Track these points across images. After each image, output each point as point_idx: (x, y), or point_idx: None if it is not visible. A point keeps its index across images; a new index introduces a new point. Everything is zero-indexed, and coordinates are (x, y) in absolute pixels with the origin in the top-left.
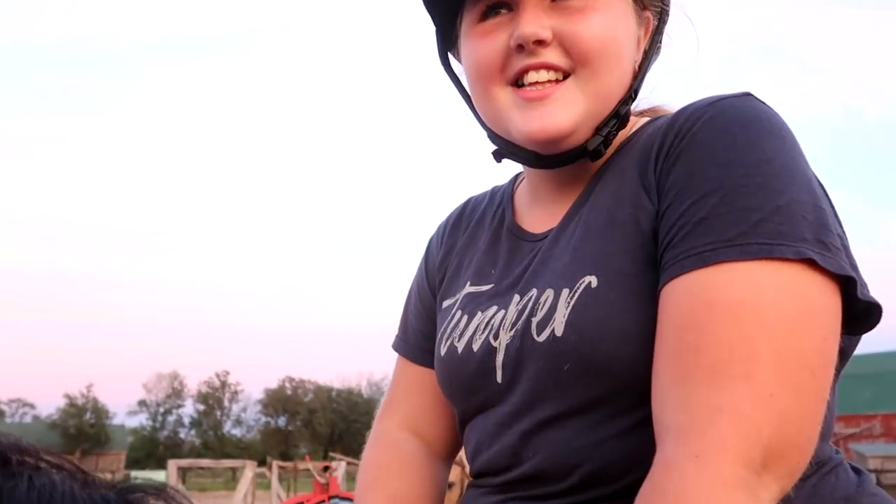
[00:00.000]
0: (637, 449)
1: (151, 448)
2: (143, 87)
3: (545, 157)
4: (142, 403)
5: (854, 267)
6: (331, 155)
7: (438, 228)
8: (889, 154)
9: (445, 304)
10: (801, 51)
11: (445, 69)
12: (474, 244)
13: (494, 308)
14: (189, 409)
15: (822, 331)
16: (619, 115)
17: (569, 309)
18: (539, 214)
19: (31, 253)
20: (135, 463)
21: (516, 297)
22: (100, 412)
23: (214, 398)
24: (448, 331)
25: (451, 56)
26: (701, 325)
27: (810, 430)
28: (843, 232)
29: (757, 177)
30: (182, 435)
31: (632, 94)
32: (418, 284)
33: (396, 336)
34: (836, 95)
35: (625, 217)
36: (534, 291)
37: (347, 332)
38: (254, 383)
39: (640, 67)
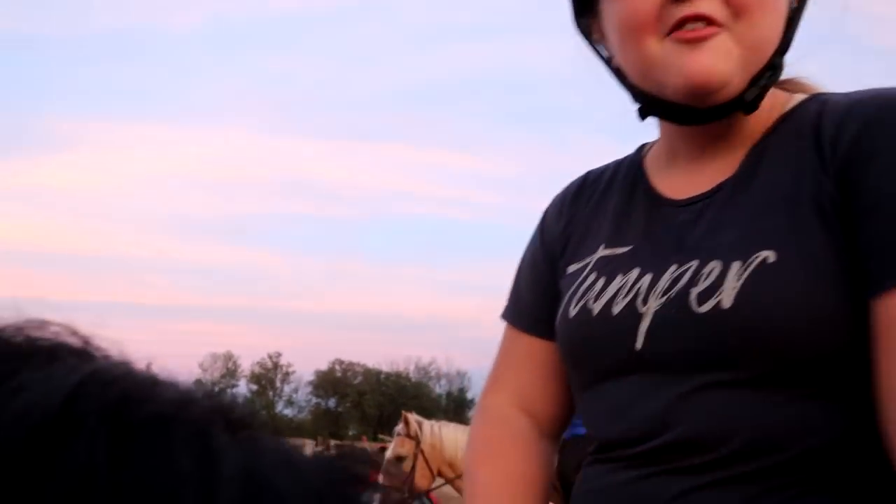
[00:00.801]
0: (802, 421)
1: None
2: (199, 74)
3: (696, 112)
4: (198, 382)
5: None
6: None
7: (555, 200)
8: None
9: (572, 268)
10: (862, 32)
11: (582, 32)
12: (602, 210)
13: (638, 271)
14: (243, 389)
15: None
16: (775, 67)
17: (740, 282)
18: (680, 180)
19: (92, 240)
20: None
21: (672, 266)
22: None
23: (267, 379)
24: (580, 292)
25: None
26: None
27: None
28: None
29: None
30: None
31: (785, 46)
32: (532, 255)
33: (506, 307)
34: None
35: (807, 197)
36: (694, 261)
37: (396, 318)
38: (305, 365)
39: (793, 19)
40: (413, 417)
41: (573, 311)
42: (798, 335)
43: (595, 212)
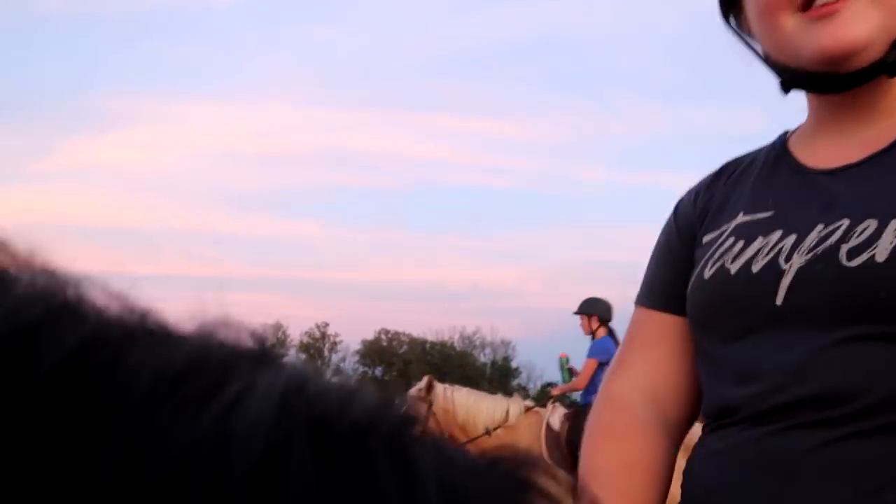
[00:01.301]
0: None
1: None
2: (244, 49)
3: (837, 78)
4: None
5: None
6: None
7: (690, 190)
8: None
9: (708, 237)
10: None
11: (727, 24)
12: (742, 185)
13: (781, 232)
14: (293, 359)
15: None
16: None
17: None
18: (827, 150)
19: (146, 215)
20: None
21: (819, 225)
22: None
23: (315, 348)
24: (717, 254)
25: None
26: None
27: None
28: None
29: None
30: None
31: None
32: (666, 237)
33: (638, 294)
34: None
35: None
36: (846, 220)
37: (439, 287)
38: (351, 335)
39: None
40: (426, 383)
41: (709, 273)
42: None
43: (734, 187)
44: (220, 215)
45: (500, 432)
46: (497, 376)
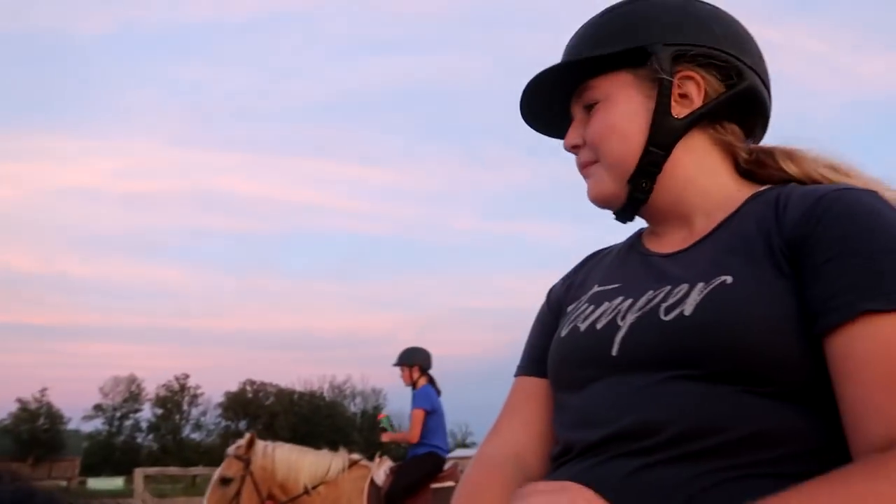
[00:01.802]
0: (741, 411)
1: (107, 454)
2: (108, 83)
3: (621, 213)
4: (98, 408)
5: None
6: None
7: (562, 278)
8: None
9: (571, 307)
10: None
11: None
12: (600, 267)
13: (622, 298)
14: (147, 414)
15: None
16: (641, 165)
17: (702, 296)
18: (665, 241)
19: None
20: (90, 469)
21: (649, 291)
22: (54, 417)
23: (173, 402)
24: (573, 317)
25: None
26: None
27: None
28: None
29: None
30: (139, 440)
31: (649, 147)
32: (539, 316)
33: (517, 366)
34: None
35: (760, 242)
36: (667, 286)
37: (310, 336)
38: (214, 387)
39: (653, 126)
40: (247, 440)
41: (564, 332)
42: (741, 339)
43: (595, 268)
44: (73, 258)
45: (322, 489)
46: (367, 426)
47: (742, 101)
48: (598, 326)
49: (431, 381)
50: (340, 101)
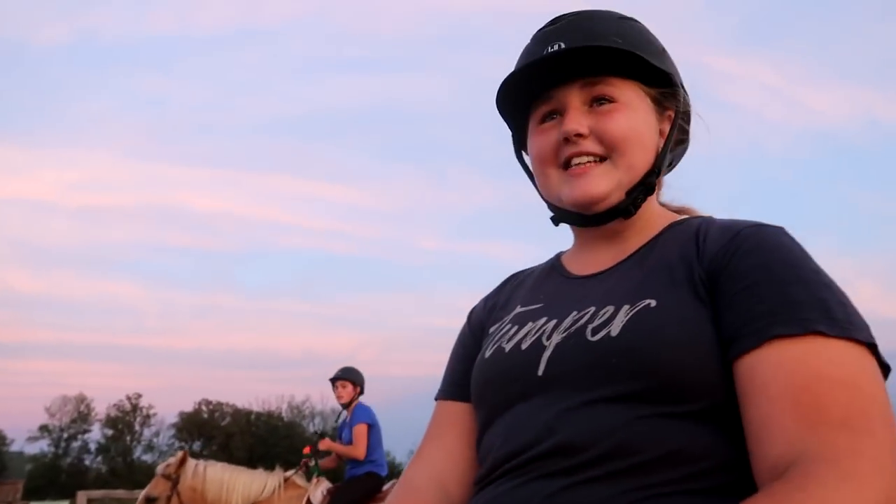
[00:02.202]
0: (664, 431)
1: (53, 476)
2: (62, 93)
3: (588, 217)
4: (43, 429)
5: None
6: (253, 173)
7: (481, 299)
8: (791, 185)
9: (493, 328)
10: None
11: (520, 162)
12: (522, 288)
13: (545, 318)
14: (96, 435)
15: (889, 402)
16: (645, 184)
17: (627, 318)
18: (587, 264)
19: None
20: (34, 493)
21: (574, 312)
22: None
23: (124, 422)
24: (496, 338)
25: (523, 154)
26: (820, 390)
27: None
28: None
29: (821, 280)
30: (87, 462)
31: (655, 169)
32: (460, 338)
33: (437, 391)
34: (743, 131)
35: (681, 269)
36: (592, 308)
37: (268, 354)
38: (168, 406)
39: (662, 150)
40: (178, 458)
41: (488, 353)
42: (663, 360)
43: (516, 290)
44: (21, 272)
45: None
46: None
47: (681, 154)
48: (524, 347)
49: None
50: (304, 119)
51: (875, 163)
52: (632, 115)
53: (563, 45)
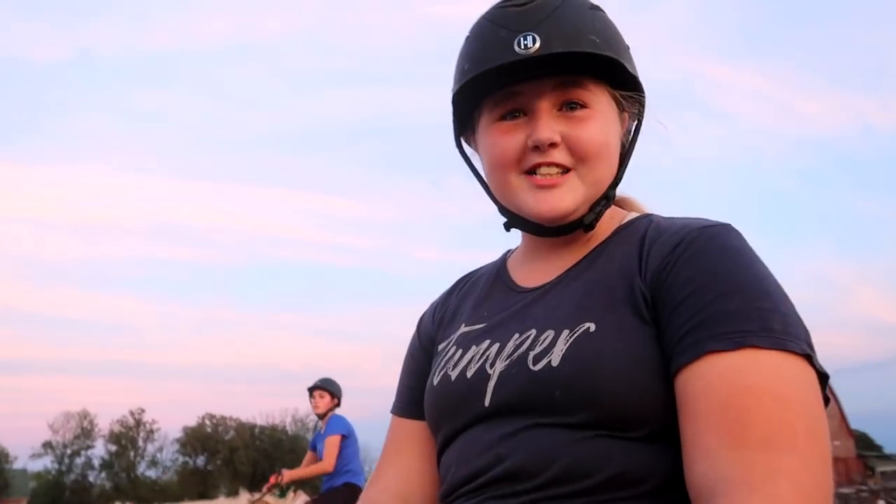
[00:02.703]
0: (611, 453)
1: (56, 494)
2: (60, 109)
3: (547, 228)
4: (47, 445)
5: None
6: (244, 187)
7: (430, 305)
8: (786, 194)
9: (441, 346)
10: (709, 96)
11: (459, 151)
12: (468, 300)
13: (488, 342)
14: (100, 451)
15: (823, 413)
16: (608, 197)
17: (567, 345)
18: (532, 273)
19: None
20: None
21: (515, 335)
22: None
23: (128, 438)
24: (442, 363)
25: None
26: (744, 403)
27: (830, 497)
28: None
29: (762, 287)
30: (91, 478)
31: (618, 180)
32: (411, 349)
33: (393, 404)
34: (739, 139)
35: (623, 287)
36: (533, 331)
37: (271, 368)
38: (171, 422)
39: (624, 160)
40: None
41: (436, 380)
42: (605, 388)
43: (462, 301)
44: (21, 289)
45: None
46: None
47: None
48: (469, 375)
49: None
50: (302, 132)
51: (870, 168)
52: (603, 124)
53: (537, 40)
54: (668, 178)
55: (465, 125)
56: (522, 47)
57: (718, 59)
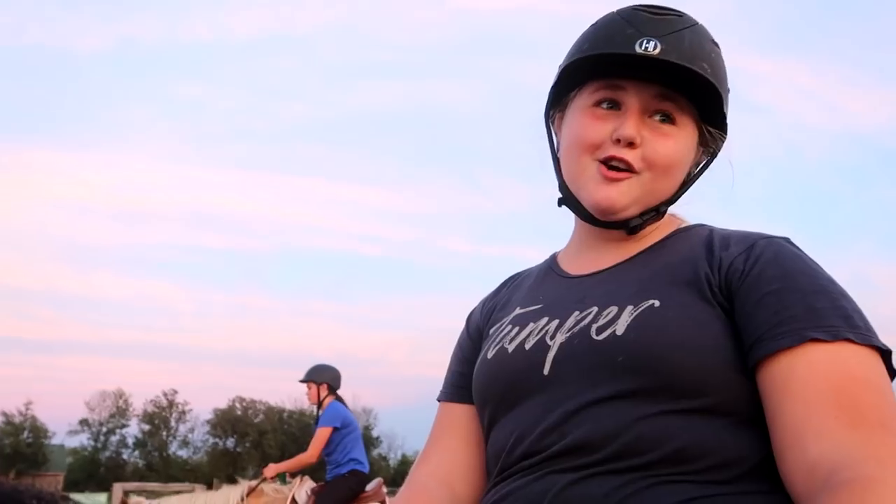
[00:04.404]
0: (673, 428)
1: (92, 469)
2: (104, 99)
3: (595, 219)
4: (84, 423)
5: None
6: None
7: (480, 302)
8: (828, 191)
9: (493, 329)
10: (747, 90)
11: (546, 125)
12: (520, 290)
13: (547, 318)
14: (134, 430)
15: None
16: (659, 211)
17: (632, 317)
18: (585, 263)
19: None
20: (74, 485)
21: (575, 312)
22: (38, 431)
23: (161, 418)
24: (498, 339)
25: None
26: (856, 392)
27: None
28: None
29: (837, 290)
30: (125, 456)
31: (674, 199)
32: (460, 342)
33: (439, 393)
34: (779, 135)
35: (687, 271)
36: (594, 308)
37: (301, 354)
38: (203, 403)
39: (685, 185)
40: (134, 501)
41: (491, 354)
42: (668, 358)
43: (514, 292)
44: (63, 272)
45: None
46: None
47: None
48: (527, 347)
49: (339, 399)
50: (337, 123)
51: None
52: (682, 144)
53: (658, 46)
54: (706, 174)
55: (557, 102)
56: (643, 48)
57: (759, 53)
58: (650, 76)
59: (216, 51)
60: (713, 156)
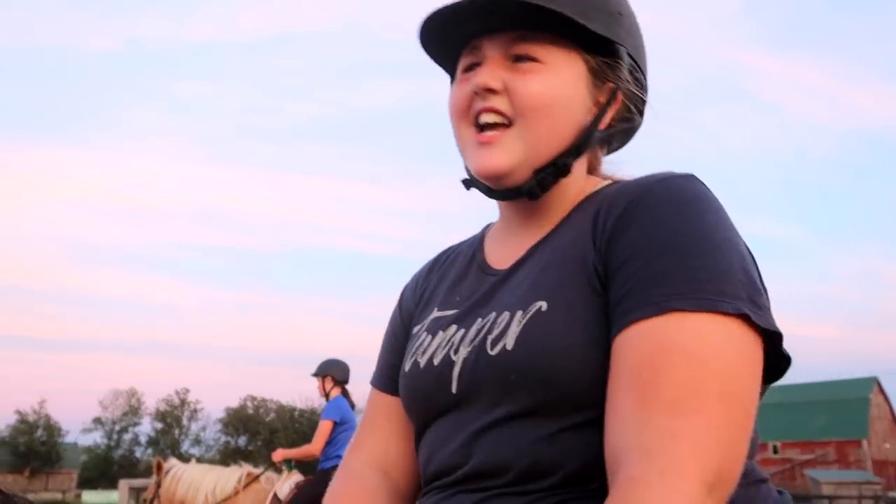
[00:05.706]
0: (570, 448)
1: (105, 467)
2: (111, 98)
3: (494, 191)
4: (97, 421)
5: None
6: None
7: (413, 277)
8: (836, 188)
9: (415, 330)
10: (755, 87)
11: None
12: (445, 280)
13: (455, 328)
14: (146, 428)
15: (753, 377)
16: (557, 165)
17: (520, 327)
18: (505, 253)
19: None
20: (87, 483)
21: (478, 320)
22: (52, 430)
23: (173, 416)
24: (413, 349)
25: None
26: (658, 366)
27: (743, 459)
28: (768, 294)
29: (703, 244)
30: (138, 454)
31: (573, 149)
32: (392, 324)
33: (373, 374)
34: (787, 132)
35: (575, 258)
36: (493, 314)
37: (311, 352)
38: (214, 402)
39: (588, 128)
40: (167, 464)
41: (407, 366)
42: (558, 369)
43: (440, 282)
44: (70, 269)
45: None
46: None
47: (627, 133)
48: (435, 362)
49: (345, 393)
50: (341, 122)
51: None
52: (552, 80)
53: None
54: (713, 170)
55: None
56: None
57: (766, 49)
58: (502, 24)
59: (222, 50)
60: (633, 92)
